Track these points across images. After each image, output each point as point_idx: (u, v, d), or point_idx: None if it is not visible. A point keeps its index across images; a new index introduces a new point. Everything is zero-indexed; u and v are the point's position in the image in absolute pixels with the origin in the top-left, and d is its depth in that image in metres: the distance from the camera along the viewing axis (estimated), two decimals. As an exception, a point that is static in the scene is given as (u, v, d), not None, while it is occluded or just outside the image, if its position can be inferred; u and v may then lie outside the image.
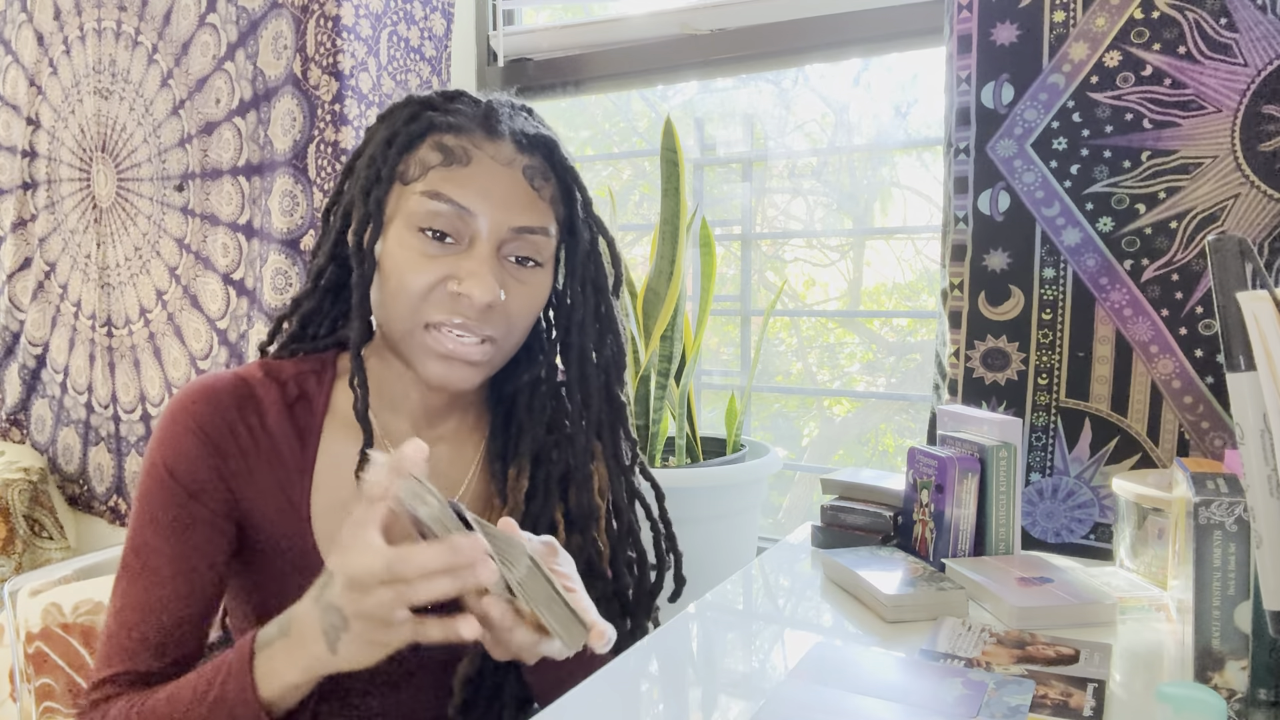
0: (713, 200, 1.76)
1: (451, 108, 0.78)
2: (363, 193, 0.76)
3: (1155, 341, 1.06)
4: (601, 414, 0.85)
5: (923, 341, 1.90)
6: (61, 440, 2.08)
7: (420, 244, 0.74)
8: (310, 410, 0.80)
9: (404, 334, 0.76)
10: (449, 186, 0.74)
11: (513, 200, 0.75)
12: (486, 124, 0.77)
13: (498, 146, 0.76)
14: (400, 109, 0.79)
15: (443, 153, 0.75)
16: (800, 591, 0.94)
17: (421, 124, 0.76)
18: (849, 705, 0.66)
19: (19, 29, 2.05)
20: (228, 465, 0.76)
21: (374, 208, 0.75)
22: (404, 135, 0.76)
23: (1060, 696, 0.67)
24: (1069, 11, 1.07)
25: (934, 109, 1.64)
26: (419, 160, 0.76)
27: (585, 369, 0.85)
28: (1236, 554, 0.65)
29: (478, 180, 0.74)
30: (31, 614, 1.07)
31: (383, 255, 0.76)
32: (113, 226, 1.91)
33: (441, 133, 0.76)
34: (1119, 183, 1.06)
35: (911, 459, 1.02)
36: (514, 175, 0.76)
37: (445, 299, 0.74)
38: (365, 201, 0.76)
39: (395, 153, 0.76)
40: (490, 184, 0.75)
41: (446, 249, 0.74)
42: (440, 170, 0.74)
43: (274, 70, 1.56)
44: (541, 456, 0.84)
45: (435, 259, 0.74)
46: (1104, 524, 1.10)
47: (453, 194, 0.74)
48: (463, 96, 0.80)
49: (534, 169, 0.77)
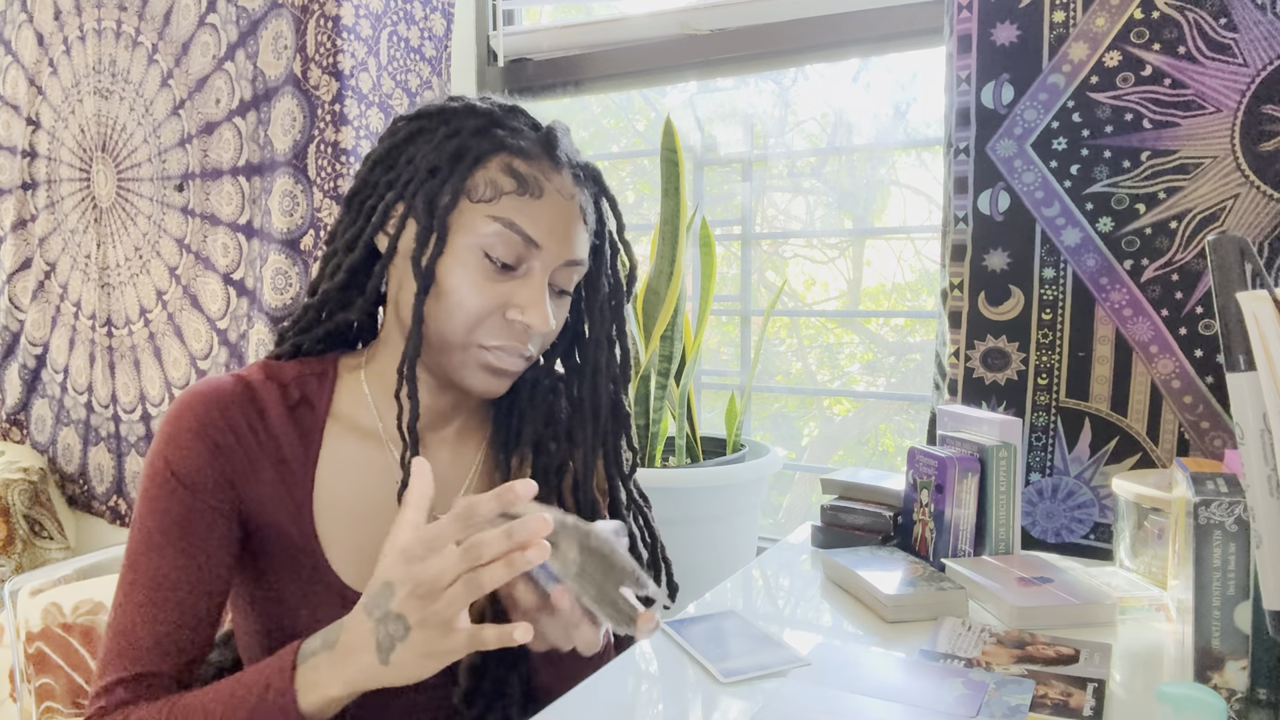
0: (713, 200, 1.76)
1: (515, 127, 0.78)
2: (426, 205, 0.75)
3: (1155, 341, 1.06)
4: (608, 425, 0.87)
5: (922, 341, 1.90)
6: (61, 440, 2.08)
7: (482, 267, 0.75)
8: (312, 412, 0.80)
9: (451, 348, 0.77)
10: (522, 218, 0.75)
11: (570, 235, 0.77)
12: (550, 151, 0.78)
13: (561, 179, 0.78)
14: (463, 118, 0.78)
15: (516, 179, 0.75)
16: (800, 591, 0.94)
17: (491, 141, 0.76)
18: (849, 705, 0.66)
19: (19, 29, 2.05)
20: (231, 465, 0.76)
21: (439, 224, 0.75)
22: (474, 151, 0.76)
23: (1060, 696, 0.67)
24: (1069, 11, 1.07)
25: (934, 109, 1.64)
26: (490, 181, 0.75)
27: (597, 382, 0.86)
28: (1236, 554, 0.65)
29: (547, 215, 0.76)
30: (32, 614, 1.07)
31: (440, 270, 0.76)
32: (113, 226, 1.91)
33: (511, 155, 0.76)
34: (1119, 183, 1.06)
35: (911, 459, 1.03)
36: (573, 209, 0.78)
37: (500, 324, 0.76)
38: (429, 215, 0.75)
39: (464, 168, 0.75)
40: (555, 219, 0.76)
41: (506, 275, 0.76)
42: (513, 199, 0.75)
43: (274, 70, 1.56)
44: (541, 447, 0.86)
45: (495, 283, 0.75)
46: (1104, 524, 1.10)
47: (525, 226, 0.75)
48: (522, 114, 0.80)
49: (585, 202, 0.79)
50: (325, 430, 0.80)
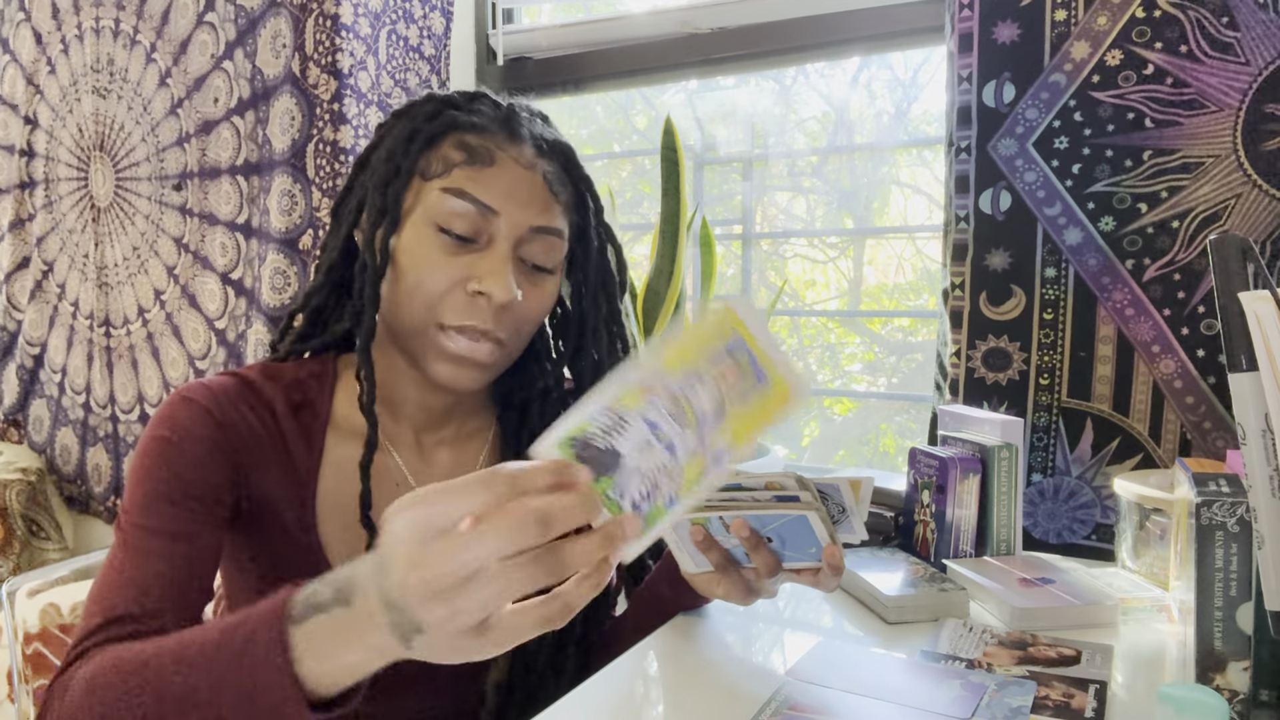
0: (713, 199, 1.76)
1: (473, 107, 0.78)
2: (380, 187, 0.76)
3: (1157, 341, 1.06)
4: None
5: (923, 341, 1.90)
6: (59, 440, 2.08)
7: (439, 242, 0.74)
8: (314, 416, 0.79)
9: (415, 332, 0.75)
10: (473, 185, 0.74)
11: (533, 202, 0.76)
12: (508, 126, 0.77)
13: (519, 149, 0.76)
14: (420, 106, 0.79)
15: (466, 151, 0.75)
16: (801, 592, 0.94)
17: (443, 121, 0.76)
18: (849, 706, 0.66)
19: (17, 28, 2.05)
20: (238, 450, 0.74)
21: (391, 203, 0.75)
22: (425, 132, 0.75)
23: (1062, 697, 0.67)
24: (1070, 10, 1.07)
25: (935, 107, 1.63)
26: (441, 157, 0.75)
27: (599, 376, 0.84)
28: (1238, 554, 0.65)
29: (501, 180, 0.74)
30: (29, 615, 1.07)
31: (397, 251, 0.75)
32: (111, 226, 1.91)
33: (464, 131, 0.76)
34: (1121, 182, 1.06)
35: (913, 459, 1.02)
36: (534, 178, 0.76)
37: (462, 300, 0.74)
38: (382, 196, 0.75)
39: (416, 148, 0.75)
40: (513, 185, 0.75)
41: (465, 248, 0.74)
42: (464, 169, 0.74)
43: (273, 69, 1.56)
44: None
45: (454, 258, 0.74)
46: (1106, 524, 1.09)
47: (477, 193, 0.74)
48: (484, 97, 0.80)
49: (553, 174, 0.78)
50: (327, 435, 0.79)
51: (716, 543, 0.73)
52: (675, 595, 0.83)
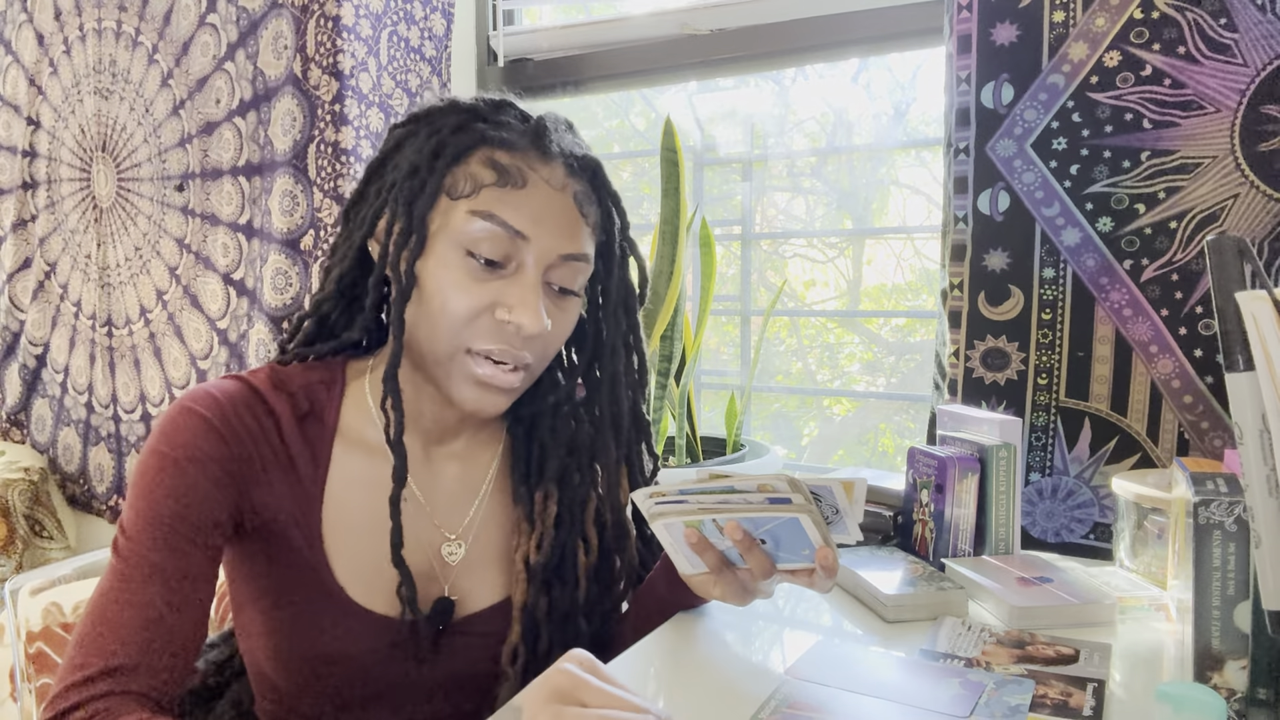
0: (713, 200, 1.77)
1: (501, 120, 0.75)
2: (405, 205, 0.73)
3: (1155, 341, 1.06)
4: (630, 435, 0.84)
5: (922, 341, 1.90)
6: (62, 440, 2.08)
7: (466, 266, 0.71)
8: (321, 426, 0.77)
9: (442, 356, 0.73)
10: (503, 208, 0.71)
11: (563, 227, 0.73)
12: (539, 142, 0.74)
13: (551, 169, 0.74)
14: (445, 116, 0.75)
15: (496, 171, 0.72)
16: (799, 591, 0.94)
17: (471, 136, 0.73)
18: (848, 704, 0.66)
19: (19, 29, 2.05)
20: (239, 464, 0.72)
21: (417, 223, 0.72)
22: (453, 147, 0.72)
23: (1060, 696, 0.67)
24: (1069, 11, 1.07)
25: (934, 108, 1.64)
26: (469, 175, 0.72)
27: (616, 392, 0.83)
28: (1236, 554, 0.65)
29: (532, 204, 0.72)
30: (32, 613, 1.07)
31: (423, 273, 0.73)
32: (113, 226, 1.92)
33: (493, 147, 0.73)
34: (1119, 183, 1.06)
35: (911, 459, 1.03)
36: (565, 201, 0.74)
37: (490, 326, 0.72)
38: (408, 215, 0.72)
39: (443, 165, 0.72)
40: (543, 209, 0.72)
41: (492, 273, 0.72)
42: (494, 190, 0.71)
43: (274, 70, 1.56)
44: (566, 479, 0.83)
45: (482, 283, 0.72)
46: (1104, 524, 1.10)
47: (507, 216, 0.71)
48: (510, 107, 0.77)
49: (582, 194, 0.75)
50: (334, 446, 0.78)
51: (711, 545, 0.73)
52: (673, 596, 0.83)
